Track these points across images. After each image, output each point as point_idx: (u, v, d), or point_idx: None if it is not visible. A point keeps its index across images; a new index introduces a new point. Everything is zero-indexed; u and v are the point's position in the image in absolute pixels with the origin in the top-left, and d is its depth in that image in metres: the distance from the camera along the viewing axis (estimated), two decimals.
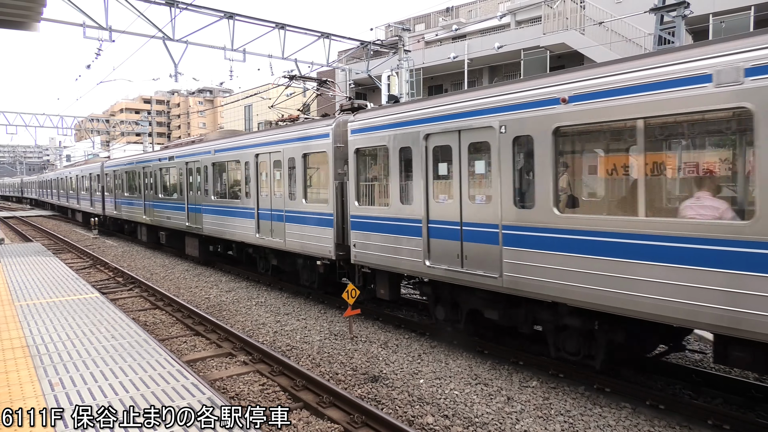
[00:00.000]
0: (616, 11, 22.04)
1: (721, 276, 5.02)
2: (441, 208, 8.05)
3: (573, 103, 6.14)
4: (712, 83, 5.02)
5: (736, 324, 4.96)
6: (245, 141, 13.61)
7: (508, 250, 6.92)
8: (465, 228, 7.58)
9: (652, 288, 5.48)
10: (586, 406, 6.32)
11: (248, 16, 17.62)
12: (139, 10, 15.46)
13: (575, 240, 6.16)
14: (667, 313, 5.43)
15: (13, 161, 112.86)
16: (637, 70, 5.62)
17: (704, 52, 5.18)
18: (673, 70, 5.32)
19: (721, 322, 5.07)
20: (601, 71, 6.01)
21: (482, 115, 7.28)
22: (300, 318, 10.59)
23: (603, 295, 5.93)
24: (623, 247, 5.73)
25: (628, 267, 5.69)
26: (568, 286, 6.25)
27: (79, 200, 32.78)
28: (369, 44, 21.65)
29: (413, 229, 8.42)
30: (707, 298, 5.11)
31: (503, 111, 6.96)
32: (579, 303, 6.24)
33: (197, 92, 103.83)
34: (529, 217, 6.68)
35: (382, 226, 9.14)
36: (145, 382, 5.65)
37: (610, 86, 5.81)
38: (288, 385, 7.03)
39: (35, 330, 7.68)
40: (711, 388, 6.60)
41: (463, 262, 7.61)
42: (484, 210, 7.32)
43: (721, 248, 5.02)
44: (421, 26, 45.90)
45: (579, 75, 6.23)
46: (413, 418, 6.12)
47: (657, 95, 5.40)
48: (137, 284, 14.11)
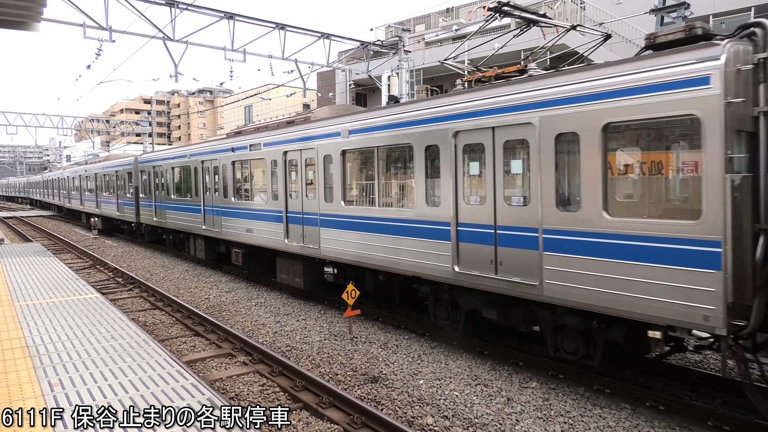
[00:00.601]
0: (617, 12, 22.05)
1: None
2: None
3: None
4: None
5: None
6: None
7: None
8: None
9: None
10: (586, 407, 6.32)
11: (248, 17, 17.61)
12: (139, 10, 15.46)
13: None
14: None
15: (13, 161, 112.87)
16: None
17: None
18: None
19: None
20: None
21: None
22: (300, 318, 10.58)
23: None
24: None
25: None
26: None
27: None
28: (369, 45, 21.66)
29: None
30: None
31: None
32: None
33: (197, 92, 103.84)
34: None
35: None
36: (144, 382, 5.65)
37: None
38: (288, 386, 7.02)
39: (35, 330, 7.67)
40: (711, 389, 6.60)
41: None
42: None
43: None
44: (422, 27, 45.92)
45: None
46: (413, 418, 6.12)
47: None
48: (137, 284, 14.11)
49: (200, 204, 15.95)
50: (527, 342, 8.42)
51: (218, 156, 14.80)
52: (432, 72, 31.77)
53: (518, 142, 6.96)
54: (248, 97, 46.16)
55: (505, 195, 7.12)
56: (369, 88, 34.85)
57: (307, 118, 11.73)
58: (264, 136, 12.73)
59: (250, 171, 13.59)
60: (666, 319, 5.52)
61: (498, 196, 7.14)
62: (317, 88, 39.45)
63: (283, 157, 11.87)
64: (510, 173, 7.15)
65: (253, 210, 13.18)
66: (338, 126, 10.11)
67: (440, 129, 7.91)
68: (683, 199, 5.85)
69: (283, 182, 11.93)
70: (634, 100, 5.65)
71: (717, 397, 6.40)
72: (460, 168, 7.69)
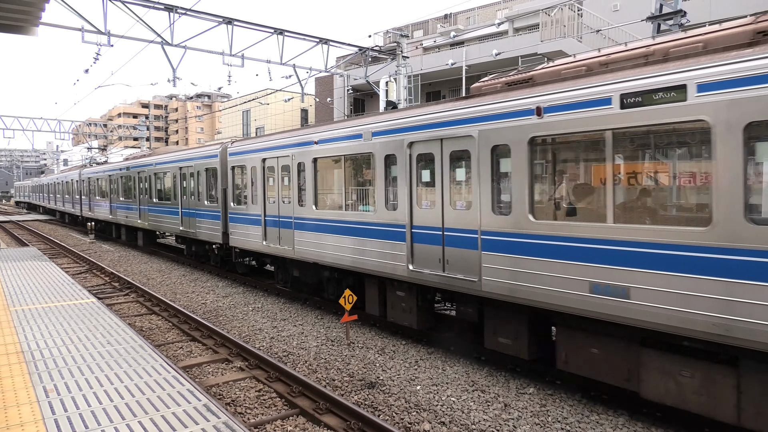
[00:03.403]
0: (613, 19, 22.19)
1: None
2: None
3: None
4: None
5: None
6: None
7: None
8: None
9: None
10: (583, 413, 6.31)
11: (247, 22, 17.66)
12: (137, 15, 15.49)
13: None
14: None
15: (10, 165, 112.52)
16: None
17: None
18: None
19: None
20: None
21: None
22: (297, 323, 10.56)
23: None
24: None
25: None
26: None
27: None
28: (367, 50, 21.72)
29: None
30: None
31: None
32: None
33: (195, 97, 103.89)
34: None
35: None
36: (140, 388, 5.62)
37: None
38: (284, 392, 7.00)
39: (30, 336, 7.63)
40: None
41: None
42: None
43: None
44: (420, 33, 46.10)
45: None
46: (410, 424, 6.10)
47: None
48: (133, 289, 14.06)
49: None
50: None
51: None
52: (430, 78, 31.92)
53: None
54: (246, 101, 46.20)
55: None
56: (367, 94, 34.94)
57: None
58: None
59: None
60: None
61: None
62: (315, 93, 39.53)
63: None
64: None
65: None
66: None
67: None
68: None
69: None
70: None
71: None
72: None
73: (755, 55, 4.80)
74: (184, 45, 17.10)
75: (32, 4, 8.40)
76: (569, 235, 6.16)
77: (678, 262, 5.24)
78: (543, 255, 6.44)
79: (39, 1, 8.34)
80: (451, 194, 7.82)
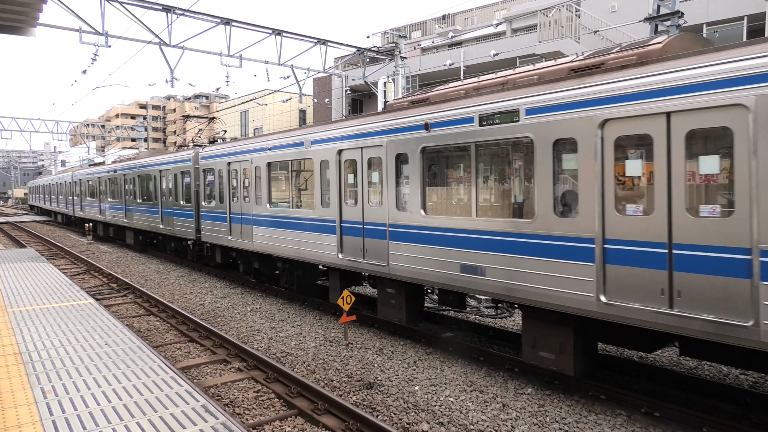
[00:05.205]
0: (611, 20, 22.24)
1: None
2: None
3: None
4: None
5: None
6: None
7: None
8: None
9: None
10: (581, 413, 6.32)
11: (245, 23, 17.66)
12: (135, 15, 15.48)
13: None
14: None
15: (8, 166, 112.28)
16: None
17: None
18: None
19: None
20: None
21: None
22: (295, 324, 10.56)
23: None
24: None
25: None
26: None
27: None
28: (365, 51, 21.73)
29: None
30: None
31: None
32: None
33: (193, 98, 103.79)
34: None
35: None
36: (138, 389, 5.62)
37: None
38: (283, 392, 6.99)
39: (28, 337, 7.62)
40: (705, 396, 6.61)
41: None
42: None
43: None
44: (418, 33, 46.14)
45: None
46: (408, 425, 6.10)
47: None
48: (131, 290, 14.04)
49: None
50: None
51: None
52: (428, 78, 31.93)
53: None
54: (244, 102, 46.18)
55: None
56: (365, 94, 34.94)
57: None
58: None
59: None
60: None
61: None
62: (313, 93, 39.53)
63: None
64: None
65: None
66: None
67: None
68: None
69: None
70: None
71: (711, 404, 6.40)
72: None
73: (560, 89, 6.27)
74: (181, 46, 17.09)
75: (29, 4, 8.38)
76: (449, 226, 7.70)
77: (514, 246, 6.88)
78: (431, 243, 7.99)
79: (36, 2, 8.33)
80: (369, 194, 9.26)
